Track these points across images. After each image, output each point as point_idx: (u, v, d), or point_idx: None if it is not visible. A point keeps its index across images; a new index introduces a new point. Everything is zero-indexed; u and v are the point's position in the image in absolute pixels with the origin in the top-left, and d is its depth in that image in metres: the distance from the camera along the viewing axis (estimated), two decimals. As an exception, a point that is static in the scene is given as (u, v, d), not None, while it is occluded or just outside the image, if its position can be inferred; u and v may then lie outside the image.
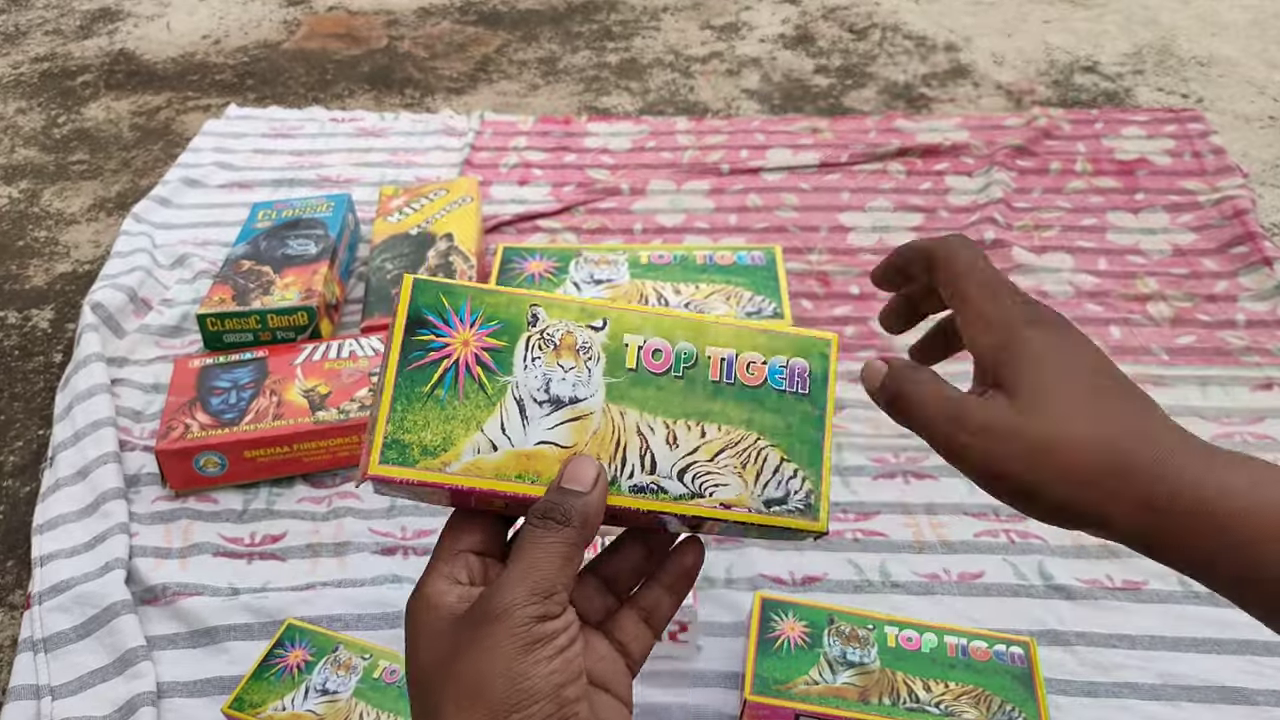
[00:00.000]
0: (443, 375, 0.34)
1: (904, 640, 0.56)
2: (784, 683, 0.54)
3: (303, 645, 0.56)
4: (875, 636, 0.56)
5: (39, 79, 1.26)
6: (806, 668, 0.55)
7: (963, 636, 0.56)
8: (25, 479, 0.73)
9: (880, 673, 0.55)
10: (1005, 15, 1.33)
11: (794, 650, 0.55)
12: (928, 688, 0.54)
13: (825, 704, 0.53)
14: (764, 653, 0.55)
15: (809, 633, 0.56)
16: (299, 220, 0.88)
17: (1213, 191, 0.95)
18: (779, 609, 0.57)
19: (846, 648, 0.55)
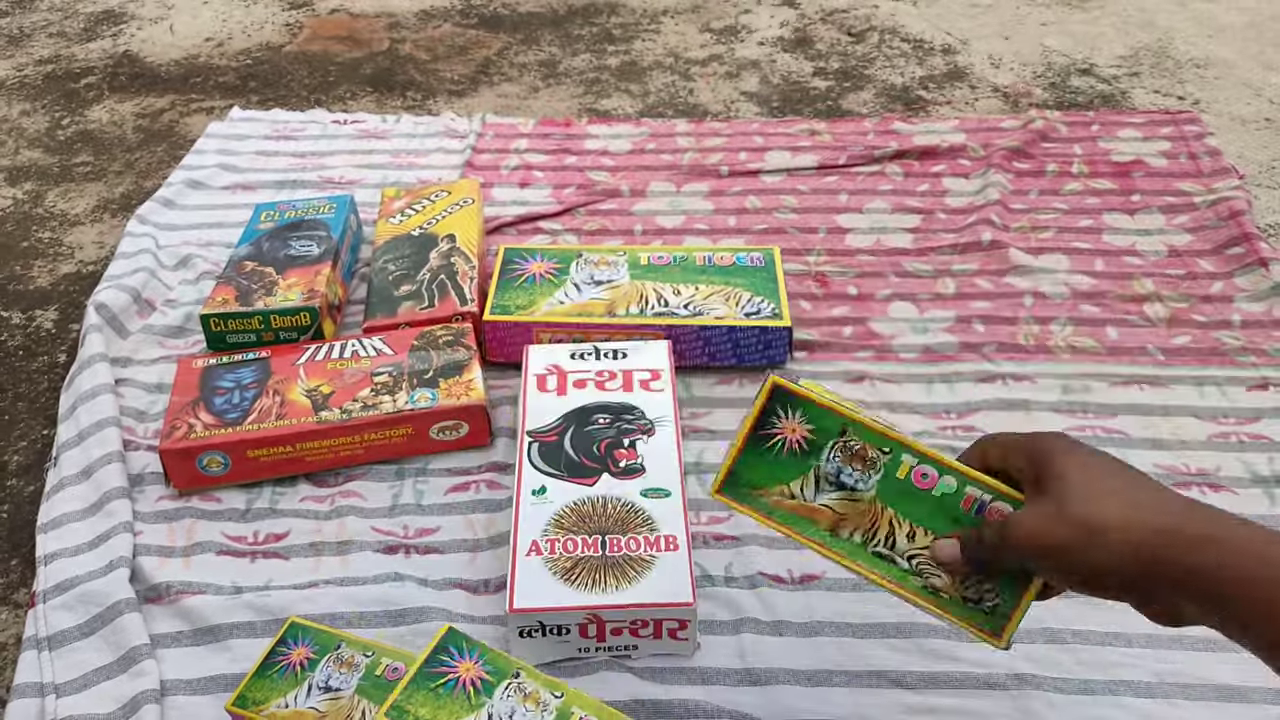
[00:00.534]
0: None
1: (917, 476, 0.48)
2: (759, 488, 0.48)
3: (305, 643, 0.57)
4: (886, 464, 0.48)
5: (43, 81, 1.27)
6: (790, 477, 0.48)
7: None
8: (30, 478, 0.74)
9: (869, 505, 0.48)
10: (1002, 18, 1.34)
11: (786, 455, 0.49)
12: (911, 535, 0.47)
13: (787, 522, 0.48)
14: (752, 449, 0.48)
15: (811, 439, 0.49)
16: (302, 221, 0.89)
17: (1209, 193, 0.96)
18: (789, 403, 0.49)
19: (846, 467, 0.49)
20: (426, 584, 0.63)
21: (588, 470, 0.65)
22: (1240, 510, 0.66)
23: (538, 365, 0.73)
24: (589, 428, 0.68)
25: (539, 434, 0.68)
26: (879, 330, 0.82)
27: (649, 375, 0.72)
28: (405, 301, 0.81)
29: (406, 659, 0.56)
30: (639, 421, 0.68)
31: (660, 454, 0.66)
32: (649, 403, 0.70)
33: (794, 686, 0.57)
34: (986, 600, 0.47)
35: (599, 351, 0.74)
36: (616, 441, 0.67)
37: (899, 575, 0.48)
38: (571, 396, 0.70)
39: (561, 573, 0.58)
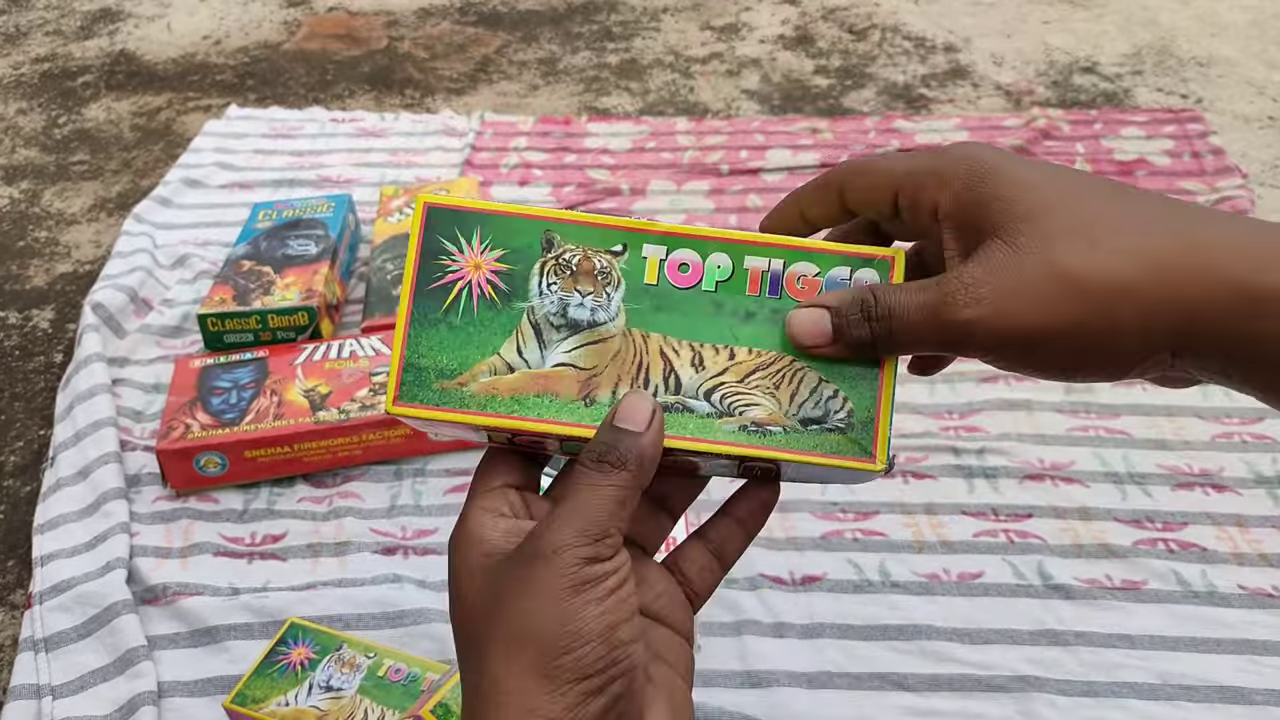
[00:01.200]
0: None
1: (673, 271, 0.33)
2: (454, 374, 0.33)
3: (306, 643, 0.57)
4: (624, 270, 0.33)
5: (40, 79, 1.26)
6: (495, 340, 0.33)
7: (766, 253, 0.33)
8: (26, 479, 0.73)
9: (623, 340, 0.33)
10: (1004, 16, 1.33)
11: (478, 310, 0.33)
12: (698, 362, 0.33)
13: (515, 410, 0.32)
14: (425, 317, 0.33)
15: (507, 271, 0.33)
16: (299, 220, 0.89)
17: (1212, 192, 0.95)
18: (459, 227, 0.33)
19: (570, 294, 0.33)
20: (425, 585, 0.63)
21: None
22: (1244, 511, 0.66)
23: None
24: None
25: None
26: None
27: None
28: (404, 301, 0.80)
29: (409, 661, 0.55)
30: None
31: None
32: None
33: (795, 689, 0.57)
34: (835, 412, 0.32)
35: None
36: None
37: (702, 426, 0.32)
38: None
39: None
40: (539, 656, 0.29)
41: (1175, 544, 0.64)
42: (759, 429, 0.32)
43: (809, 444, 0.32)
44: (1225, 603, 0.61)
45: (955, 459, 0.70)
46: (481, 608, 0.30)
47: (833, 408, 0.32)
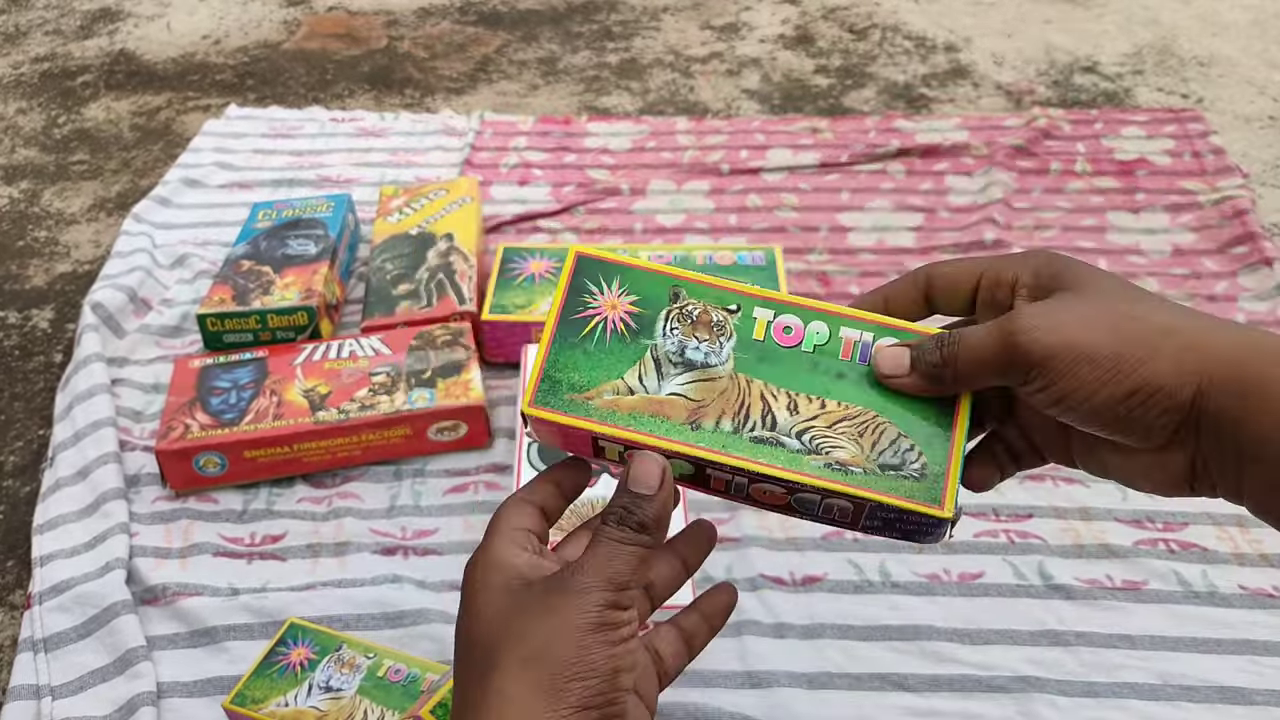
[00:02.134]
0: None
1: (778, 332, 0.38)
2: (584, 390, 0.37)
3: (305, 643, 0.57)
4: (737, 325, 0.38)
5: (39, 79, 1.26)
6: (622, 367, 0.38)
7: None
8: (25, 479, 0.73)
9: (730, 382, 0.37)
10: (1005, 15, 1.33)
11: (610, 340, 0.38)
12: (793, 407, 0.37)
13: (631, 425, 0.36)
14: (566, 341, 0.38)
15: (637, 314, 0.38)
16: (299, 220, 0.88)
17: (1213, 192, 0.95)
18: (601, 274, 0.39)
19: (689, 339, 0.38)
20: (425, 585, 0.63)
21: None
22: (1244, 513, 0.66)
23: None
24: None
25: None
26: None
27: None
28: (403, 301, 0.80)
29: (409, 661, 0.55)
30: None
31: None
32: None
33: (795, 689, 0.57)
34: (910, 463, 0.36)
35: None
36: None
37: (791, 460, 0.36)
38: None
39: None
40: (549, 676, 0.32)
41: (1176, 544, 0.64)
42: (842, 467, 0.36)
43: (885, 486, 0.36)
44: (1226, 603, 0.61)
45: (956, 459, 0.70)
46: (499, 625, 0.34)
47: (909, 459, 0.37)
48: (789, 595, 0.62)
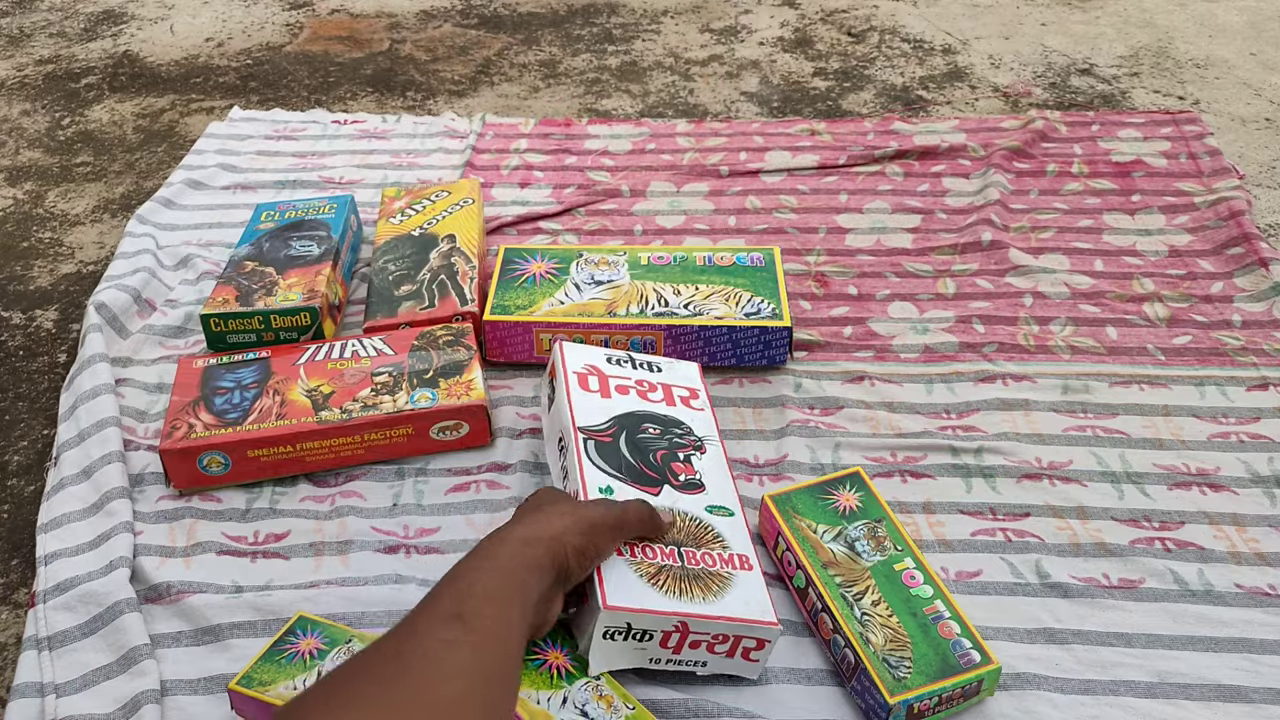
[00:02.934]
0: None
1: (906, 576, 0.59)
2: (804, 516, 0.62)
3: (315, 635, 0.57)
4: (892, 555, 0.60)
5: (43, 81, 1.27)
6: (826, 521, 0.62)
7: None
8: (30, 478, 0.74)
9: (862, 570, 0.59)
10: (1002, 18, 1.34)
11: (830, 509, 0.63)
12: (876, 603, 0.57)
13: (801, 543, 0.60)
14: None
15: (856, 508, 0.63)
16: (302, 221, 0.89)
17: (1209, 193, 0.96)
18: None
19: (865, 541, 0.61)
20: (427, 584, 0.63)
21: (648, 478, 0.62)
22: (1240, 511, 0.67)
23: (576, 363, 0.69)
24: (640, 435, 0.65)
25: (593, 432, 0.64)
26: (879, 330, 0.82)
27: (687, 393, 0.70)
28: (405, 301, 0.81)
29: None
30: (689, 437, 0.66)
31: (714, 472, 0.64)
32: (693, 420, 0.68)
33: (795, 685, 0.57)
34: (901, 670, 0.54)
35: (634, 360, 0.72)
36: (671, 454, 0.64)
37: (849, 616, 0.57)
38: (616, 400, 0.67)
39: (647, 576, 0.55)
40: (581, 510, 0.54)
41: (1172, 543, 0.65)
42: (865, 641, 0.56)
43: (876, 666, 0.55)
44: (1222, 601, 0.61)
45: (953, 458, 0.70)
46: (553, 492, 0.58)
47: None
48: (789, 594, 0.62)
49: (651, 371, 0.71)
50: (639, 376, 0.70)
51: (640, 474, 0.62)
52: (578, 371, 0.68)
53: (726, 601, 0.55)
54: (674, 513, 0.60)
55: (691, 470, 0.63)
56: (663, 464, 0.63)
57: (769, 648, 0.56)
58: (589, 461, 0.62)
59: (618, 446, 0.64)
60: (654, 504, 0.59)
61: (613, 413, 0.66)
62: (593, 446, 0.63)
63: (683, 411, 0.68)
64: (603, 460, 0.62)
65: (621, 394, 0.68)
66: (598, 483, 0.60)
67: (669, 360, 0.73)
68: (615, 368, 0.70)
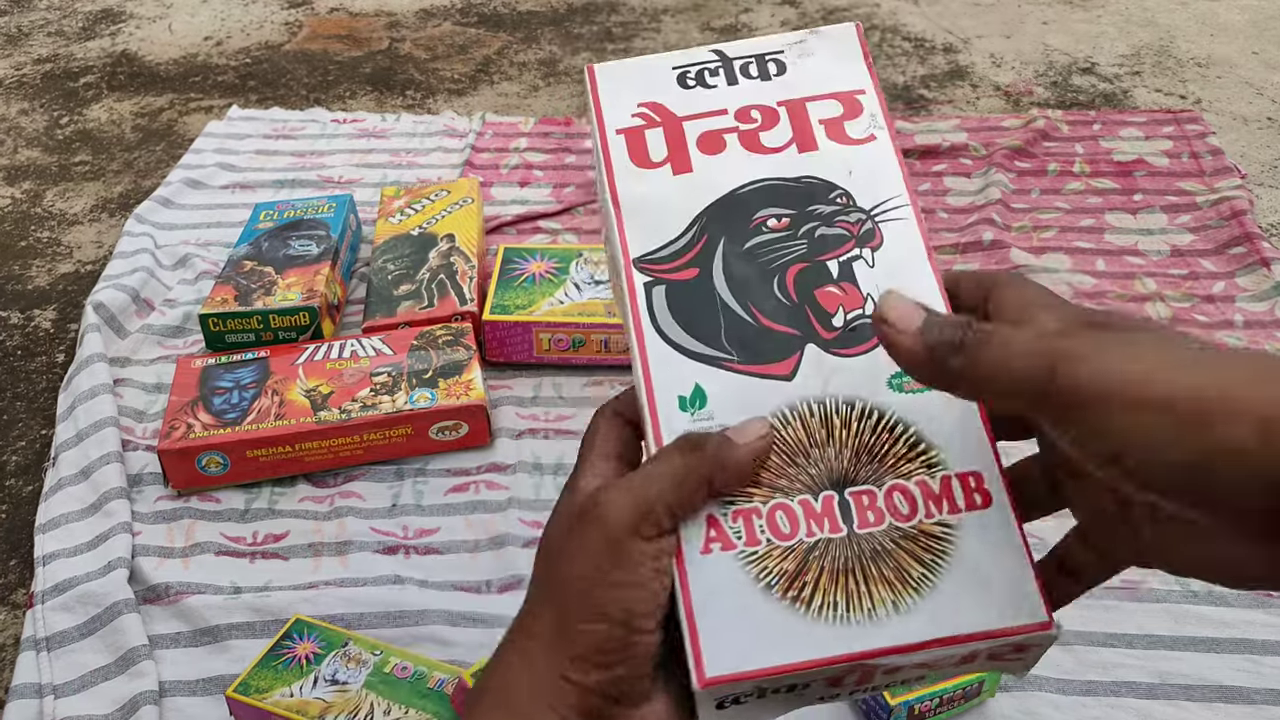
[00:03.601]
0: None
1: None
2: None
3: (311, 638, 0.57)
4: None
5: (41, 80, 1.26)
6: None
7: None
8: (28, 478, 0.74)
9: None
10: (1004, 17, 1.34)
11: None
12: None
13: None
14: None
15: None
16: (301, 221, 0.89)
17: (1211, 192, 0.95)
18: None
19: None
20: (427, 585, 0.63)
21: (775, 341, 0.32)
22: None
23: (620, 109, 0.36)
24: (753, 244, 0.34)
25: (658, 264, 0.34)
26: (880, 330, 0.82)
27: (838, 109, 0.36)
28: (405, 301, 0.81)
29: (415, 660, 0.56)
30: (847, 216, 0.34)
31: (901, 280, 0.33)
32: (854, 167, 0.35)
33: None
34: None
35: (729, 63, 0.37)
36: (817, 270, 0.33)
37: None
38: (702, 175, 0.35)
39: (780, 584, 0.29)
40: (558, 618, 0.29)
41: (1174, 543, 0.64)
42: None
43: None
44: (1224, 602, 0.61)
45: (955, 459, 0.70)
46: (546, 547, 0.31)
47: None
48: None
49: (765, 79, 0.36)
50: (742, 100, 0.36)
51: (759, 336, 0.32)
52: (625, 127, 0.36)
53: (945, 597, 0.29)
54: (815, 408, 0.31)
55: (858, 295, 0.33)
56: (801, 298, 0.33)
57: (1038, 653, 0.30)
58: (654, 334, 0.33)
59: (710, 286, 0.33)
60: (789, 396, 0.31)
61: (695, 206, 0.34)
62: (661, 298, 0.33)
63: (832, 154, 0.35)
64: (683, 325, 0.33)
65: (712, 152, 0.35)
66: (676, 385, 0.32)
67: (799, 39, 0.38)
68: (696, 94, 0.36)
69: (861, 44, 0.37)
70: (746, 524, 0.30)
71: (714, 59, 0.37)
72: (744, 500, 0.30)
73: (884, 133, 0.35)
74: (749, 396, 0.31)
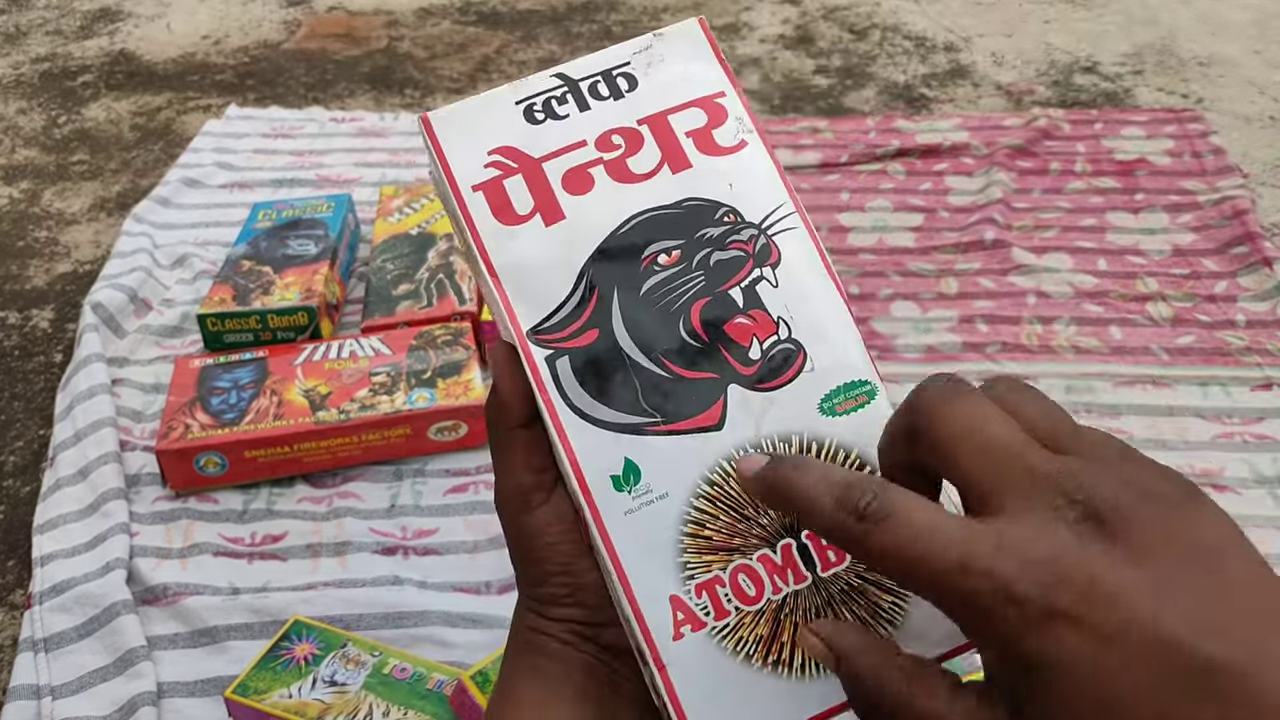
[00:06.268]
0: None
1: None
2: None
3: (310, 640, 0.57)
4: None
5: (39, 79, 1.26)
6: None
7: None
8: (26, 479, 0.73)
9: None
10: (1005, 15, 1.33)
11: None
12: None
13: None
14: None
15: None
16: (299, 220, 0.88)
17: (1212, 192, 0.95)
18: None
19: None
20: (426, 586, 0.63)
21: (696, 391, 0.30)
22: (1245, 512, 0.66)
23: (471, 160, 0.32)
24: (648, 287, 0.31)
25: (553, 334, 0.31)
26: (881, 330, 0.82)
27: (701, 114, 0.33)
28: (403, 301, 0.80)
29: (415, 661, 0.55)
30: (739, 234, 0.32)
31: (807, 296, 0.31)
32: (732, 179, 0.32)
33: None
34: None
35: (572, 86, 0.33)
36: (720, 302, 0.31)
37: None
38: (576, 219, 0.32)
39: (758, 652, 0.28)
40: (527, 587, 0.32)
41: (1176, 544, 0.64)
42: None
43: None
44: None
45: (956, 459, 0.70)
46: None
47: None
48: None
49: (618, 98, 0.33)
50: (600, 126, 0.33)
51: (676, 392, 0.30)
52: (481, 183, 0.32)
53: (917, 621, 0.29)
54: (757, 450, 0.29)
55: (769, 323, 0.31)
56: (709, 335, 0.31)
57: None
58: (569, 413, 0.30)
59: (615, 347, 0.31)
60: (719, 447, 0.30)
61: (579, 256, 0.31)
62: (567, 370, 0.31)
63: (706, 169, 0.32)
64: (595, 394, 0.30)
65: (581, 191, 0.32)
66: (605, 466, 0.30)
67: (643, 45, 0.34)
68: (549, 128, 0.32)
69: (709, 40, 0.34)
70: (712, 597, 0.29)
71: (558, 84, 0.33)
72: (703, 572, 0.29)
73: (753, 136, 0.33)
74: (682, 458, 0.29)
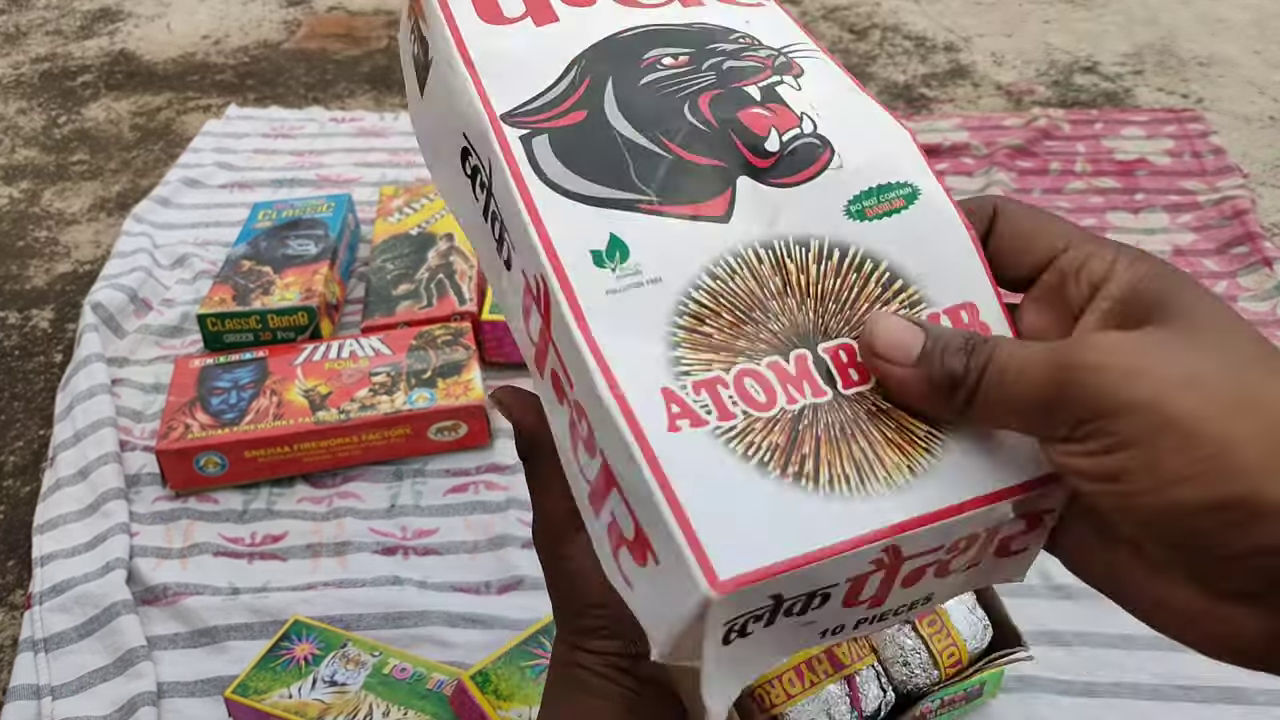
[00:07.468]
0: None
1: None
2: None
3: (310, 640, 0.57)
4: None
5: (39, 79, 1.26)
6: None
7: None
8: (26, 479, 0.73)
9: None
10: (1005, 15, 1.33)
11: None
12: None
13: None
14: None
15: None
16: (299, 220, 0.88)
17: (1212, 192, 0.95)
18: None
19: None
20: (426, 586, 0.63)
21: (699, 176, 0.26)
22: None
23: None
24: (649, 79, 0.28)
25: (533, 115, 0.27)
26: (881, 330, 0.82)
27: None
28: (403, 301, 0.80)
29: (415, 661, 0.55)
30: (755, 51, 0.29)
31: (835, 97, 0.30)
32: (750, 18, 0.31)
33: (796, 689, 0.57)
34: None
35: None
36: (735, 95, 0.28)
37: None
38: (570, 24, 0.29)
39: (775, 460, 0.23)
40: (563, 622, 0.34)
41: (1176, 544, 0.64)
42: None
43: None
44: (1226, 603, 0.61)
45: (956, 459, 0.70)
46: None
47: None
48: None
49: None
50: None
51: (674, 173, 0.26)
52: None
53: (959, 454, 0.24)
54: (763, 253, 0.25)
55: (788, 115, 0.28)
56: (719, 120, 0.27)
57: (1050, 520, 0.26)
58: (541, 186, 0.26)
59: (602, 122, 0.27)
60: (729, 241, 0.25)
61: (571, 50, 0.29)
62: (545, 146, 0.26)
63: (720, 10, 0.31)
64: (577, 170, 0.26)
65: (580, 4, 0.30)
66: (582, 240, 0.25)
67: None
68: None
69: None
70: (712, 395, 0.23)
71: None
72: (701, 370, 0.23)
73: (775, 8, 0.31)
74: (680, 244, 0.24)
